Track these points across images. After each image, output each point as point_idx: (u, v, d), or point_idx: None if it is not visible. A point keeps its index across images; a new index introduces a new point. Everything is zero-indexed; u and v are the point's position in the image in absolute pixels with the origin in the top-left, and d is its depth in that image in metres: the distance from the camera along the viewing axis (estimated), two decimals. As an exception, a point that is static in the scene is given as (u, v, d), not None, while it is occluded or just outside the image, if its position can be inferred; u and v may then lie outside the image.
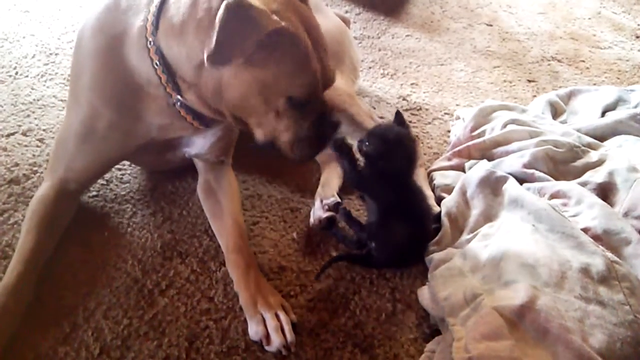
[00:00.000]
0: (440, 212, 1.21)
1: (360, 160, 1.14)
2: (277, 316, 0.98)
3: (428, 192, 1.27)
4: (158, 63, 0.96)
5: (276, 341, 0.96)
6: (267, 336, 0.96)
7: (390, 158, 1.09)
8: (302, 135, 0.99)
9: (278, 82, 0.92)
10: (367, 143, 1.11)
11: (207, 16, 0.88)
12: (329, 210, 1.20)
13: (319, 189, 1.27)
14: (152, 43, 0.95)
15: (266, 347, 0.96)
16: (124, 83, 1.00)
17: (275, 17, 0.87)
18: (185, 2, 0.92)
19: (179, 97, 0.99)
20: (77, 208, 1.14)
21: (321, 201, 1.22)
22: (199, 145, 1.14)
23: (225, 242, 1.10)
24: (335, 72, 1.01)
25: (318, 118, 0.99)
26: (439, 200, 1.27)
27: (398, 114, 1.17)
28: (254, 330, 0.98)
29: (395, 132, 1.12)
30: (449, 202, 1.23)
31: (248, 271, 1.05)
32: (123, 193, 1.22)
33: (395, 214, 1.10)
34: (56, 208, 1.07)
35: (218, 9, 0.86)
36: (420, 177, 1.29)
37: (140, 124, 1.04)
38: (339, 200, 1.23)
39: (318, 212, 1.20)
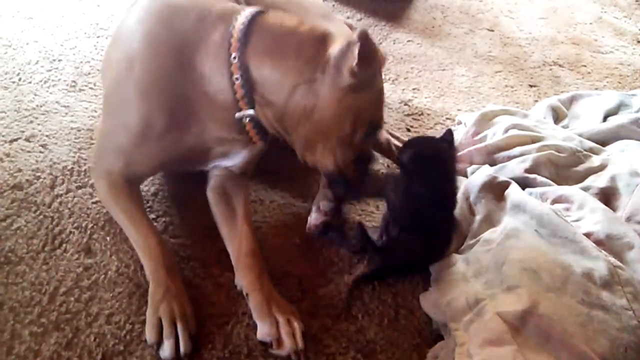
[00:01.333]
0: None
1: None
2: (288, 322, 0.99)
3: None
4: (238, 78, 0.98)
5: (289, 345, 0.96)
6: (278, 339, 0.97)
7: (429, 171, 1.12)
8: (362, 159, 1.09)
9: (369, 109, 1.03)
10: (405, 157, 1.14)
11: (308, 40, 0.99)
12: (326, 214, 1.20)
13: (318, 194, 1.27)
14: (236, 59, 0.98)
15: (275, 351, 0.96)
16: (186, 89, 1.01)
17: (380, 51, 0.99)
18: (287, 26, 0.99)
19: (252, 112, 1.01)
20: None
21: (318, 206, 1.23)
22: (236, 159, 1.16)
23: (238, 246, 1.10)
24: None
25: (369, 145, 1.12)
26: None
27: (448, 131, 1.20)
28: (266, 332, 0.97)
29: (432, 144, 1.18)
30: (453, 207, 1.23)
31: (262, 275, 1.06)
32: (126, 198, 1.22)
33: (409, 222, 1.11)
34: (129, 188, 1.10)
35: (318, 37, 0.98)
36: None
37: (191, 133, 1.05)
38: (335, 204, 1.23)
39: (315, 216, 1.20)
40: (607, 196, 1.23)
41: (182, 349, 0.93)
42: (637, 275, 1.02)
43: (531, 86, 1.86)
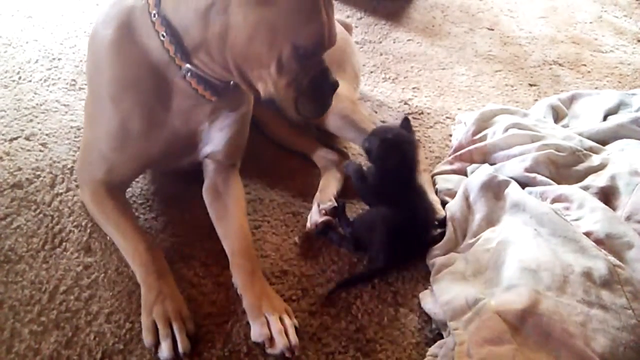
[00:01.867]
0: (445, 216, 1.22)
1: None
2: (281, 320, 0.98)
3: (433, 197, 1.28)
4: (165, 34, 0.97)
5: (280, 343, 0.95)
6: (271, 339, 0.96)
7: (387, 157, 1.14)
8: (302, 91, 0.98)
9: (286, 25, 0.91)
10: (367, 143, 1.16)
11: None
12: (325, 214, 1.20)
13: (317, 194, 1.27)
14: (156, 15, 0.96)
15: (269, 350, 0.96)
16: (144, 71, 1.00)
17: None
18: None
19: (188, 65, 0.99)
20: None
21: (318, 205, 1.23)
22: (215, 140, 1.14)
23: (231, 245, 1.10)
24: (336, 33, 1.00)
25: (318, 75, 0.99)
26: (442, 204, 1.28)
27: (405, 120, 1.20)
28: (257, 332, 0.97)
29: (394, 133, 1.16)
30: (453, 206, 1.23)
31: (253, 274, 1.05)
32: (125, 197, 1.22)
33: (396, 211, 1.12)
34: (112, 196, 1.10)
35: None
36: (424, 182, 1.29)
37: (166, 112, 1.05)
38: (336, 204, 1.23)
39: (315, 216, 1.20)
40: (607, 195, 1.23)
41: (180, 349, 0.92)
42: (636, 274, 1.02)
43: (531, 85, 1.86)
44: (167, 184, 1.27)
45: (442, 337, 1.02)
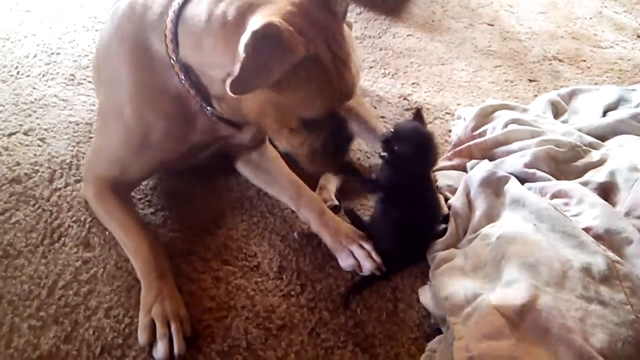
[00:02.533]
0: (448, 212, 1.22)
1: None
2: (361, 245, 1.08)
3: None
4: (184, 79, 0.97)
5: (367, 266, 1.07)
6: (359, 265, 1.08)
7: (421, 159, 1.11)
8: (316, 149, 1.00)
9: (291, 106, 0.92)
10: (395, 147, 1.09)
11: (222, 30, 0.88)
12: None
13: (317, 192, 1.27)
14: (174, 60, 0.96)
15: (361, 274, 1.08)
16: (166, 94, 1.01)
17: (301, 39, 0.83)
18: (201, 15, 0.91)
19: (208, 107, 1.01)
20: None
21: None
22: (241, 137, 1.16)
23: (291, 196, 1.18)
24: (356, 84, 0.98)
25: (332, 132, 1.00)
26: (444, 200, 1.27)
27: (418, 112, 1.17)
28: (345, 263, 1.09)
29: (422, 132, 1.13)
30: (455, 202, 1.23)
31: (323, 213, 1.13)
32: (124, 192, 1.22)
33: (406, 206, 1.11)
34: (117, 193, 1.10)
35: (235, 24, 0.85)
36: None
37: (190, 128, 1.06)
38: (336, 203, 1.23)
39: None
40: (606, 191, 1.23)
41: (176, 350, 0.92)
42: (635, 270, 1.03)
43: (531, 81, 1.86)
44: (166, 179, 1.27)
45: (441, 332, 1.02)
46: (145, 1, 1.00)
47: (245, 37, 0.81)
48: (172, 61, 0.96)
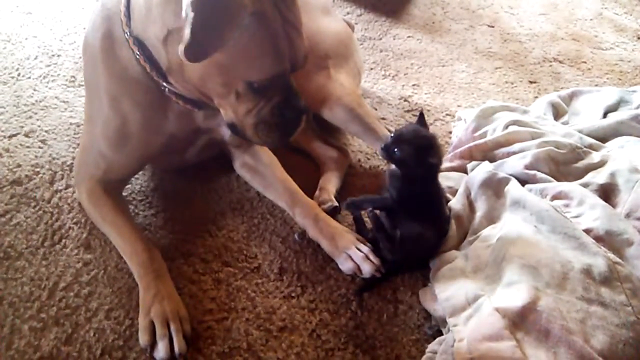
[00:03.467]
0: (449, 214, 1.21)
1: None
2: (358, 249, 1.08)
3: None
4: (138, 53, 0.96)
5: (366, 268, 1.07)
6: (358, 268, 1.07)
7: (423, 161, 1.07)
8: (262, 118, 0.96)
9: (237, 66, 0.88)
10: (395, 150, 1.07)
11: None
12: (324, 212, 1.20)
13: (317, 193, 1.27)
14: (128, 34, 0.95)
15: (361, 276, 1.08)
16: (133, 82, 1.00)
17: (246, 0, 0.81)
18: None
19: (164, 83, 0.99)
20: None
21: (319, 205, 1.22)
22: (222, 132, 1.15)
23: (286, 202, 1.18)
24: (307, 53, 0.95)
25: (282, 102, 0.95)
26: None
27: (421, 116, 1.16)
28: (345, 267, 1.10)
29: (423, 134, 1.10)
30: (456, 204, 1.23)
31: (317, 219, 1.13)
32: (124, 194, 1.22)
33: (415, 213, 1.10)
34: (109, 195, 1.10)
35: None
36: None
37: (163, 117, 1.06)
38: (336, 204, 1.23)
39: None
40: (607, 192, 1.23)
41: (176, 349, 0.92)
42: (636, 271, 1.02)
43: (531, 82, 1.86)
44: (167, 181, 1.27)
45: (441, 334, 1.02)
46: None
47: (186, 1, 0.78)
48: (126, 36, 0.95)
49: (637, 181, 1.21)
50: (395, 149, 1.07)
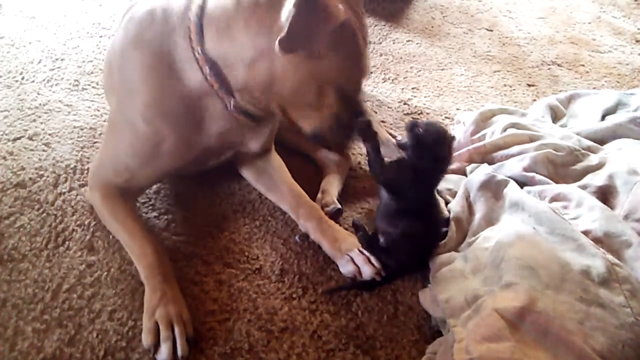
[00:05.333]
0: (448, 216, 1.22)
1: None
2: (360, 251, 1.10)
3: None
4: (209, 71, 0.98)
5: (367, 271, 1.08)
6: (359, 271, 1.08)
7: (439, 154, 1.10)
8: (342, 125, 1.02)
9: (335, 75, 0.95)
10: (420, 129, 1.09)
11: (254, 10, 0.91)
12: (331, 217, 1.20)
13: (319, 195, 1.28)
14: (199, 52, 0.97)
15: (361, 279, 1.09)
16: (182, 99, 1.02)
17: (342, 8, 0.89)
18: (227, 3, 0.94)
19: (232, 100, 1.02)
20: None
21: (321, 208, 1.23)
22: (251, 147, 1.18)
23: (290, 204, 1.20)
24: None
25: (357, 112, 1.03)
26: (444, 203, 1.28)
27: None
28: (346, 270, 1.10)
29: (446, 132, 1.13)
30: (455, 206, 1.24)
31: (321, 221, 1.15)
32: (127, 196, 1.23)
33: (412, 214, 1.11)
34: (124, 199, 1.12)
35: (266, 3, 0.89)
36: None
37: (202, 135, 1.07)
38: (339, 206, 1.24)
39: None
40: (605, 194, 1.23)
41: (179, 352, 0.93)
42: (634, 272, 1.03)
43: (529, 85, 1.87)
44: (170, 183, 1.28)
45: (441, 335, 1.02)
46: (165, 5, 1.01)
47: None
48: (196, 54, 0.97)
49: (635, 183, 1.22)
50: (419, 129, 1.09)
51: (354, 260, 1.10)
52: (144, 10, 1.03)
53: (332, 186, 1.30)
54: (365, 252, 1.11)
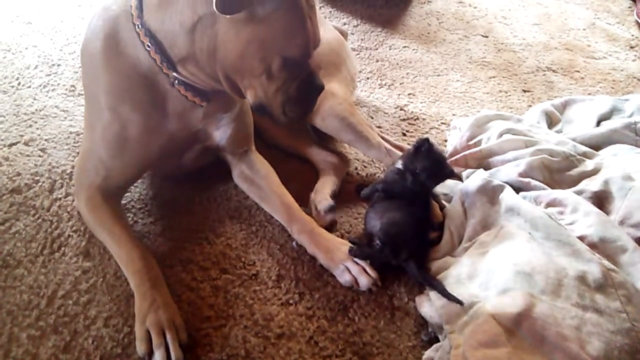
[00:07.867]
0: (442, 221, 1.23)
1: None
2: (355, 261, 1.10)
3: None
4: (149, 44, 0.98)
5: (363, 281, 1.09)
6: (356, 281, 1.09)
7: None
8: (290, 96, 1.02)
9: (277, 40, 0.94)
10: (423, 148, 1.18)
11: None
12: (325, 214, 1.21)
13: (312, 195, 1.28)
14: (139, 26, 0.98)
15: (359, 289, 1.09)
16: (137, 80, 1.02)
17: None
18: None
19: (175, 74, 1.01)
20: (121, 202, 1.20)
21: (316, 207, 1.24)
22: (217, 137, 1.17)
23: (283, 216, 1.20)
24: (320, 35, 1.03)
25: (305, 80, 1.03)
26: (439, 209, 1.29)
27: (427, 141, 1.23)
28: (343, 280, 1.11)
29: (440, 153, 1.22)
30: (450, 211, 1.24)
31: (313, 233, 1.15)
32: (124, 202, 1.23)
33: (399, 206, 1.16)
34: (108, 203, 1.11)
35: None
36: None
37: (164, 118, 1.07)
38: (332, 202, 1.24)
39: (315, 219, 1.21)
40: (601, 200, 1.24)
41: (173, 358, 0.93)
42: (630, 278, 1.04)
43: (525, 91, 1.88)
44: (165, 189, 1.28)
45: (438, 341, 1.02)
46: None
47: None
48: (137, 28, 0.98)
49: (630, 189, 1.23)
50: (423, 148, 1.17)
51: (350, 270, 1.10)
52: (101, 5, 1.05)
53: (325, 186, 1.31)
54: (360, 261, 1.11)
